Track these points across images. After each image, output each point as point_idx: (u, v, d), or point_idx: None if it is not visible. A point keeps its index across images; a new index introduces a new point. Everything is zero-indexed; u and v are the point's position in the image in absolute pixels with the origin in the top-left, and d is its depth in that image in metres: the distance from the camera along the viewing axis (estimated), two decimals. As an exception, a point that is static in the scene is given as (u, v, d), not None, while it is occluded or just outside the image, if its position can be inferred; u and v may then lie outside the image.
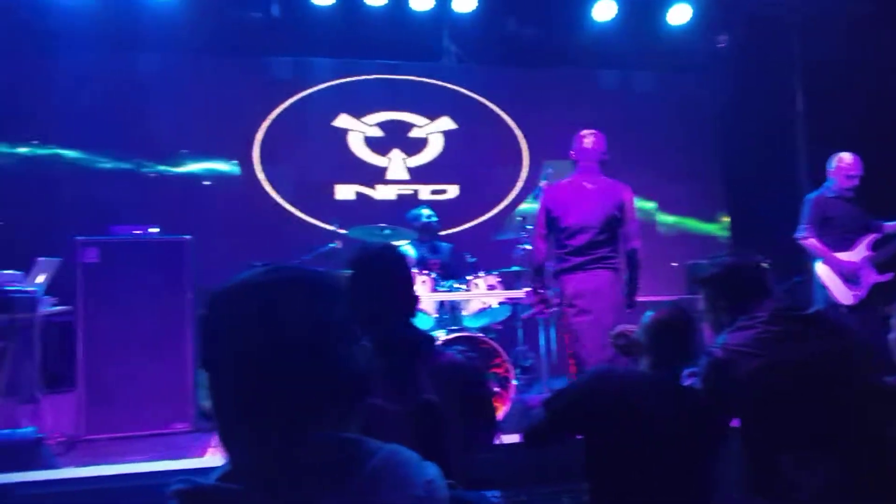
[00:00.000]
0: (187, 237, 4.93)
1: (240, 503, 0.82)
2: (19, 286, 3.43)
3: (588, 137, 4.28)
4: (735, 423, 2.29)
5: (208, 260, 5.27)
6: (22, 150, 6.21)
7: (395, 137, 6.94)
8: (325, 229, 6.27)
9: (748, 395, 2.17)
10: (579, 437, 2.33)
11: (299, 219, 6.67)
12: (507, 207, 7.07)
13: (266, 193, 6.65)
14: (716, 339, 2.41)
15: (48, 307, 3.77)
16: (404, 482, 0.88)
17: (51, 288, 3.94)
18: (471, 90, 7.10)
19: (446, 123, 7.03)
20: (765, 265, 2.44)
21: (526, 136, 7.18)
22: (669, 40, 6.89)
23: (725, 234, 7.58)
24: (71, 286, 4.57)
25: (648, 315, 2.39)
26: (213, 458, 3.98)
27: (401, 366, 1.86)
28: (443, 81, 7.06)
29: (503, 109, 7.16)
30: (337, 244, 5.28)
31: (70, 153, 6.29)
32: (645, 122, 7.12)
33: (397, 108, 6.96)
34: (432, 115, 7.01)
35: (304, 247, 5.41)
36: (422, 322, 4.95)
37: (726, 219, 7.59)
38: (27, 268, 3.76)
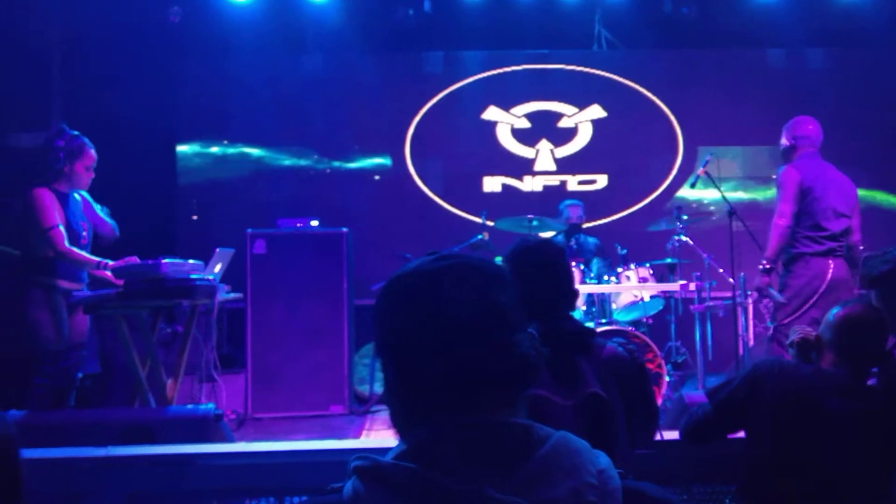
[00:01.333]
0: (344, 229, 5.17)
1: (416, 482, 0.84)
2: (200, 274, 3.74)
3: (809, 123, 4.14)
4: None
5: (363, 251, 5.50)
6: (213, 149, 6.78)
7: (544, 128, 6.86)
8: (472, 221, 6.34)
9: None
10: (742, 434, 2.21)
11: (448, 211, 6.78)
12: (660, 197, 6.81)
13: (416, 186, 6.81)
14: (896, 341, 2.20)
15: (224, 294, 4.08)
16: (576, 470, 0.87)
17: (226, 276, 4.27)
18: (622, 76, 6.87)
19: (596, 112, 6.86)
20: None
21: (681, 122, 6.85)
22: (846, 13, 6.36)
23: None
24: (243, 275, 4.95)
25: (835, 311, 2.20)
26: (369, 440, 4.17)
27: (566, 359, 1.85)
28: (593, 68, 6.89)
29: (657, 95, 6.87)
30: (484, 236, 5.32)
31: (255, 151, 6.77)
32: (817, 101, 6.56)
33: (546, 97, 6.88)
34: (581, 104, 6.86)
35: (453, 238, 5.50)
36: (572, 314, 4.90)
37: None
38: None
